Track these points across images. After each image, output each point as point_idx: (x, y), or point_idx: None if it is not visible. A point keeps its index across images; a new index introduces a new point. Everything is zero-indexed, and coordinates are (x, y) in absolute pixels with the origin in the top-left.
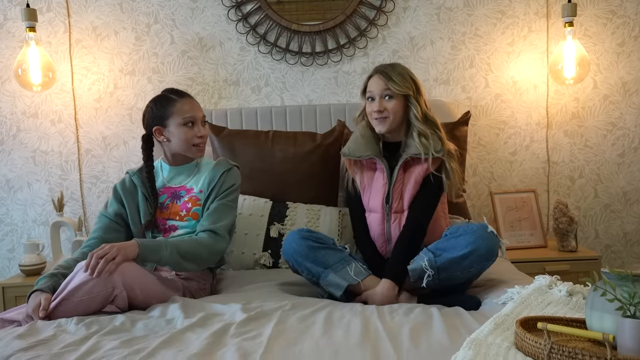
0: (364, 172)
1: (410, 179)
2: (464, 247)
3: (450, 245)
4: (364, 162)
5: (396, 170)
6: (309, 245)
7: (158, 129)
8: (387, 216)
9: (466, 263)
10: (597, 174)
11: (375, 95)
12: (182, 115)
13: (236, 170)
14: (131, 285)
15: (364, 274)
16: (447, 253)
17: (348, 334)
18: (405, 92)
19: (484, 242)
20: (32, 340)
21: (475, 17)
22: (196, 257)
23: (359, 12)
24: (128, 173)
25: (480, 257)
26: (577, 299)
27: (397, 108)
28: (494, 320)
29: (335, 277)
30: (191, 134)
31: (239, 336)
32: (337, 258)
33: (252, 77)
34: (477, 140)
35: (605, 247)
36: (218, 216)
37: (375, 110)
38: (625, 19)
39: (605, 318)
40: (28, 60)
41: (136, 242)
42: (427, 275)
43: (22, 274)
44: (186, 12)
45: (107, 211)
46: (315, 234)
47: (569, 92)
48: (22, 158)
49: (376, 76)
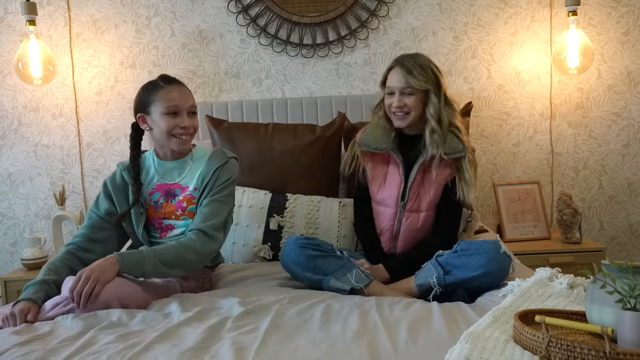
0: (375, 163)
1: (431, 181)
2: (476, 268)
3: (460, 263)
4: (376, 154)
5: (415, 169)
6: (308, 255)
7: (141, 116)
8: (399, 213)
9: (475, 283)
10: (602, 165)
11: (395, 90)
12: (165, 103)
13: (233, 162)
14: (127, 304)
15: (365, 280)
16: (458, 272)
17: (345, 327)
18: (425, 88)
19: (496, 264)
20: (28, 336)
21: (478, 7)
22: (183, 263)
23: (360, 3)
24: (118, 167)
25: (491, 279)
26: (578, 292)
27: (417, 103)
28: (492, 313)
29: (337, 282)
30: (173, 124)
31: (235, 330)
32: (337, 265)
33: (253, 69)
34: (480, 131)
35: (610, 239)
36: (209, 214)
37: (395, 105)
38: (630, 7)
39: (605, 311)
40: (28, 54)
41: (116, 259)
42: (435, 291)
43: (24, 268)
44: (186, 5)
45: (97, 209)
46: (313, 241)
47: (572, 83)
48: (23, 152)
49: (397, 68)
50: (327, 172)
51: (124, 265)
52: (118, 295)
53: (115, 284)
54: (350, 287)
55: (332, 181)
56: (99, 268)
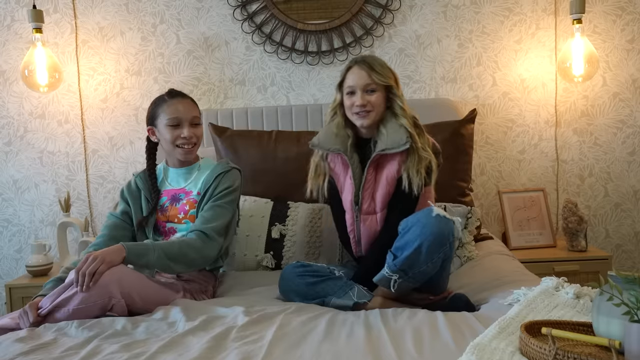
0: (340, 170)
1: (382, 179)
2: (414, 240)
3: (404, 242)
4: (336, 159)
5: (366, 170)
6: (307, 282)
7: (150, 129)
8: (356, 217)
9: (423, 256)
10: (607, 173)
11: (357, 89)
12: (167, 116)
13: (235, 173)
14: (129, 293)
15: (367, 297)
16: (404, 251)
17: (351, 338)
18: (388, 83)
19: (430, 229)
20: (32, 344)
21: (482, 14)
22: (185, 259)
23: (365, 11)
24: (134, 175)
25: (434, 244)
26: (584, 302)
27: (380, 101)
28: (498, 324)
29: (340, 300)
30: (175, 135)
31: (240, 340)
32: (337, 287)
33: (258, 76)
34: (485, 138)
35: (615, 247)
36: (209, 218)
37: (358, 104)
38: (635, 15)
39: (613, 323)
40: (35, 61)
41: (122, 246)
42: (394, 280)
43: (29, 275)
44: (192, 12)
45: (115, 211)
46: (310, 267)
47: (577, 90)
48: (29, 159)
49: (356, 67)
50: None
51: (130, 252)
52: (119, 280)
53: (117, 269)
54: (354, 302)
55: None
56: (106, 251)
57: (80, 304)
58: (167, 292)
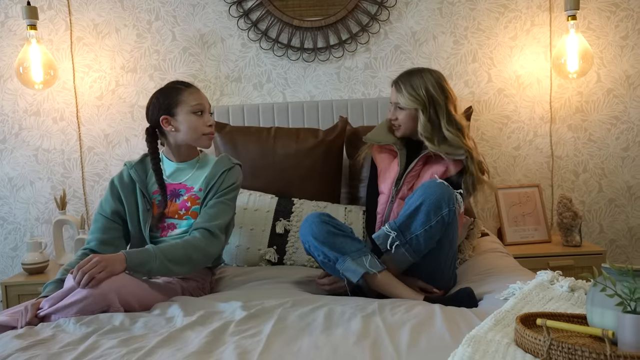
0: (382, 157)
1: (427, 173)
2: (416, 200)
3: (407, 206)
4: (383, 149)
5: (415, 161)
6: (329, 231)
7: (166, 118)
8: (392, 198)
9: (422, 215)
10: (602, 168)
11: (391, 103)
12: (190, 103)
13: (237, 169)
14: (128, 301)
15: (379, 267)
16: (404, 212)
17: (348, 331)
18: (411, 107)
19: (432, 190)
20: (30, 340)
21: (478, 11)
22: (189, 261)
23: (361, 7)
24: (126, 165)
25: (433, 205)
26: (579, 295)
27: (407, 119)
28: (494, 316)
29: (352, 264)
30: (201, 122)
31: (238, 334)
32: (354, 247)
33: (254, 73)
34: (481, 135)
35: (610, 242)
36: (214, 215)
37: (388, 117)
38: (629, 11)
39: (606, 314)
40: (29, 58)
41: (124, 256)
42: (392, 239)
43: (24, 273)
44: (187, 9)
45: (103, 209)
46: (335, 221)
47: (572, 86)
48: (24, 156)
49: (393, 84)
50: (330, 176)
51: (131, 262)
52: (118, 289)
53: (116, 278)
54: (364, 271)
55: (335, 185)
56: (110, 258)
57: (78, 312)
58: (166, 294)
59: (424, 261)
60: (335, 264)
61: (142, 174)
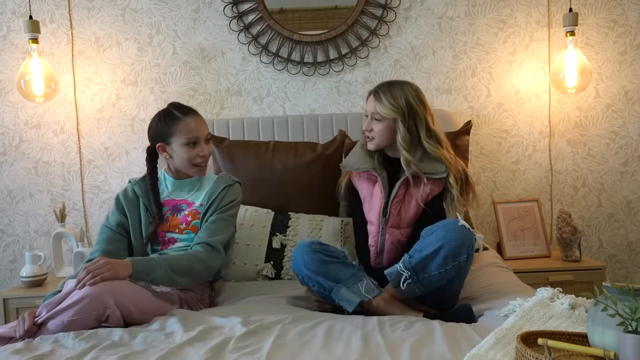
0: (364, 183)
1: (412, 199)
2: (435, 242)
3: (424, 244)
4: (362, 174)
5: (397, 186)
6: (320, 259)
7: (161, 146)
8: (382, 229)
9: (439, 259)
10: (601, 183)
11: (367, 114)
12: (185, 135)
13: (237, 187)
14: (124, 304)
15: (375, 292)
16: (422, 252)
17: (348, 348)
18: (391, 116)
19: (453, 234)
20: (29, 356)
21: (477, 26)
22: (191, 273)
23: (361, 22)
24: (130, 182)
25: (452, 250)
26: (579, 312)
27: (383, 130)
28: (494, 334)
29: (347, 292)
30: (193, 154)
31: (238, 351)
32: (348, 274)
33: (254, 87)
34: (480, 149)
35: (609, 257)
36: (216, 230)
37: (363, 128)
38: (627, 27)
39: (607, 333)
40: (31, 71)
41: (130, 262)
42: (404, 277)
43: (23, 285)
44: (188, 23)
45: (108, 222)
46: (326, 247)
47: (571, 101)
48: (24, 169)
49: (372, 94)
50: (328, 190)
51: (137, 270)
52: (113, 291)
53: (113, 281)
54: (360, 300)
55: (333, 199)
56: (116, 263)
57: (75, 315)
58: (163, 303)
59: (432, 292)
60: (330, 293)
61: (145, 189)
